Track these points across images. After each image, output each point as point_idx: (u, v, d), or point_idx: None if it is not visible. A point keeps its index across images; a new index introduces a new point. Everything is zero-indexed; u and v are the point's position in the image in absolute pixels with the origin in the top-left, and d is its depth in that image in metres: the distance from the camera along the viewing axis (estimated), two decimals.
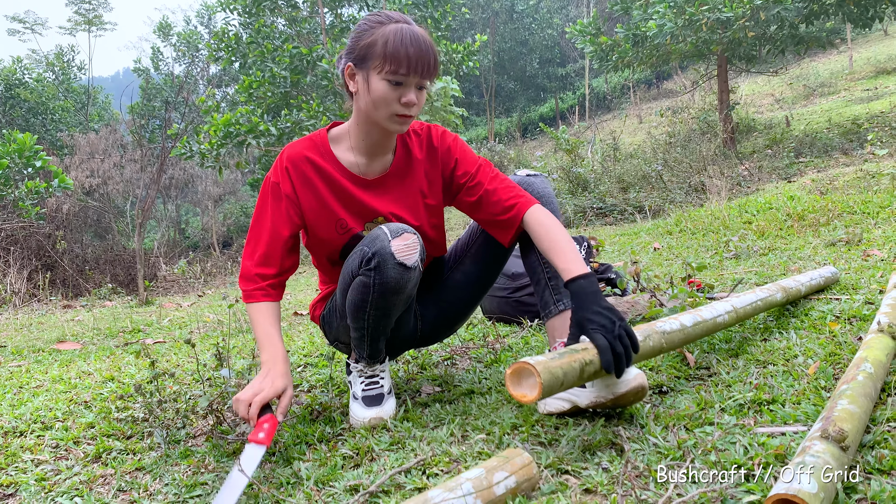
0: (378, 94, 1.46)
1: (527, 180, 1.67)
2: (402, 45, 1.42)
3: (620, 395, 1.38)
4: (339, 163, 1.59)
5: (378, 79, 1.45)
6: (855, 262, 2.99)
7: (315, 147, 1.59)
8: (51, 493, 1.34)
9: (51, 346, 3.27)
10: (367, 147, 1.59)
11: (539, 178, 1.69)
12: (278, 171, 1.58)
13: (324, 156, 1.58)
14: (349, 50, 1.50)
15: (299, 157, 1.57)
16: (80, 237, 10.70)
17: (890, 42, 19.34)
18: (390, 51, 1.43)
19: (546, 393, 1.16)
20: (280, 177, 1.57)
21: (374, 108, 1.48)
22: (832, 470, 0.96)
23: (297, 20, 12.09)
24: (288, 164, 1.57)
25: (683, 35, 9.04)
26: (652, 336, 1.42)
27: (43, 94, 19.31)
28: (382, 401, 1.64)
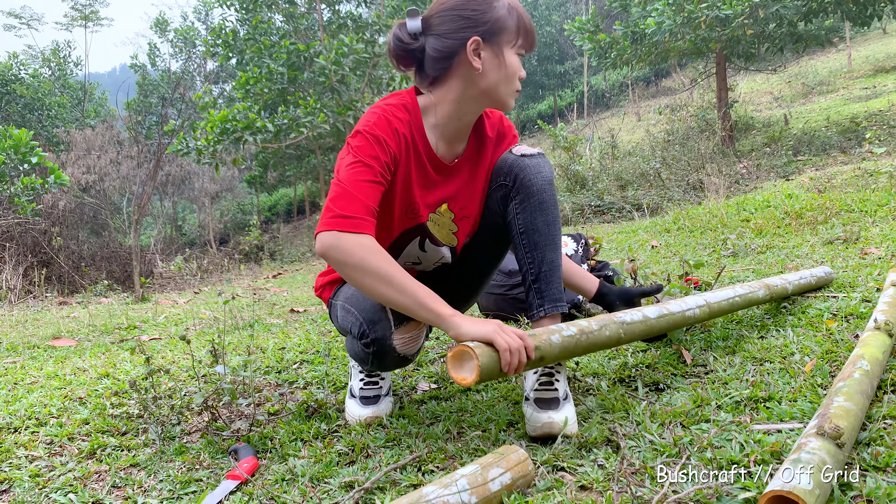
0: (513, 69, 1.41)
1: (520, 162, 1.50)
2: (527, 19, 1.42)
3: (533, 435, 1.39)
4: (427, 142, 1.48)
5: (511, 53, 1.41)
6: (852, 260, 2.99)
7: (410, 120, 1.44)
8: (45, 490, 1.34)
9: (46, 343, 3.25)
10: (454, 130, 1.49)
11: (534, 161, 1.50)
12: (382, 125, 1.38)
13: (418, 131, 1.46)
14: (471, 24, 1.38)
15: (404, 132, 1.42)
16: (76, 234, 10.68)
17: (889, 40, 19.36)
18: (525, 24, 1.41)
19: (484, 377, 1.17)
20: (383, 130, 1.38)
21: (504, 84, 1.42)
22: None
23: (295, 16, 12.06)
24: (397, 126, 1.40)
25: (682, 32, 9.04)
26: (609, 326, 1.40)
27: (39, 90, 19.26)
28: (379, 401, 1.62)
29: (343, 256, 1.26)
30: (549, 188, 1.50)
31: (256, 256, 12.53)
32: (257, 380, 2.02)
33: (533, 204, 1.48)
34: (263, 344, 2.61)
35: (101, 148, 15.34)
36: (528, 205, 1.48)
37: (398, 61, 1.48)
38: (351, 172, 1.33)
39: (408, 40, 1.43)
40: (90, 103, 22.55)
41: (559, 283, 1.51)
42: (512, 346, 1.19)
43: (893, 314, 1.75)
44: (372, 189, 1.33)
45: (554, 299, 1.49)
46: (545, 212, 1.49)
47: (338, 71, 10.43)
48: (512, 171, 1.50)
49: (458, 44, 1.39)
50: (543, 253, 1.49)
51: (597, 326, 1.36)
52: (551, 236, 1.49)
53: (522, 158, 1.50)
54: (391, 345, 1.39)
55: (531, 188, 1.48)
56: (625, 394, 1.60)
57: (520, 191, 1.49)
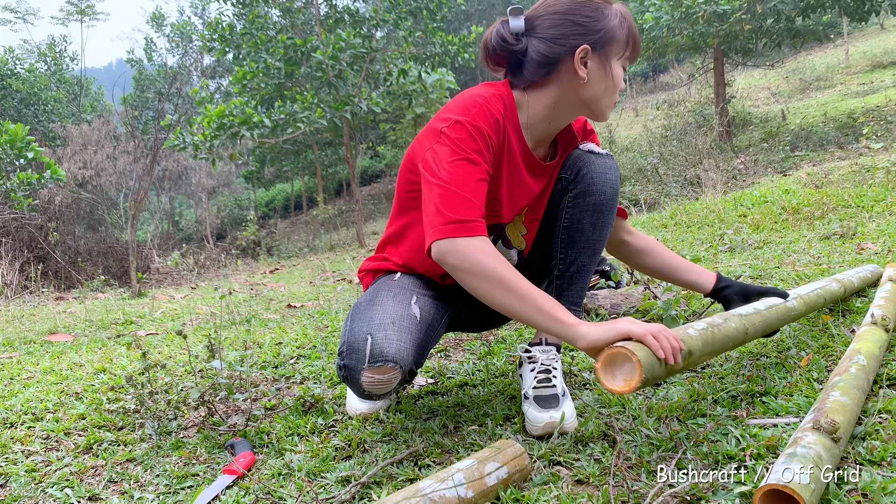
0: (617, 81, 1.35)
1: (586, 157, 1.44)
2: (636, 31, 1.36)
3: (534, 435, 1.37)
4: (524, 139, 1.40)
5: (618, 64, 1.35)
6: (849, 256, 3.00)
7: (506, 113, 1.35)
8: (41, 484, 1.33)
9: (42, 338, 3.25)
10: (542, 133, 1.42)
11: (601, 161, 1.44)
12: (485, 115, 1.29)
13: (513, 126, 1.38)
14: (582, 31, 1.31)
15: (503, 125, 1.34)
16: (72, 229, 10.65)
17: (886, 36, 19.36)
18: (634, 36, 1.35)
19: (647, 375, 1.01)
20: (483, 118, 1.29)
21: (606, 96, 1.36)
22: (823, 461, 0.95)
23: (292, 11, 12.01)
24: (498, 117, 1.32)
25: (680, 28, 9.03)
26: (731, 318, 1.31)
27: (35, 85, 19.19)
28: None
29: (459, 261, 1.19)
30: (609, 192, 1.43)
31: (253, 252, 12.52)
32: (254, 375, 2.02)
33: (587, 203, 1.43)
34: (260, 339, 2.61)
35: (97, 143, 15.30)
36: (581, 202, 1.43)
37: (492, 60, 1.39)
38: (456, 171, 1.23)
39: (512, 41, 1.34)
40: (86, 98, 22.47)
41: (582, 288, 1.47)
42: (655, 333, 1.06)
43: (890, 309, 1.76)
44: (480, 187, 1.25)
45: (571, 301, 1.46)
46: (597, 214, 1.43)
47: (335, 66, 10.40)
48: (575, 165, 1.45)
49: (566, 50, 1.31)
50: (578, 254, 1.45)
51: (721, 320, 1.27)
52: (594, 241, 1.44)
53: (589, 154, 1.45)
54: (359, 379, 1.27)
55: (591, 187, 1.42)
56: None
57: (578, 185, 1.44)
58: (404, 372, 1.29)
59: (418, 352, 1.33)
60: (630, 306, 2.28)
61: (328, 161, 20.60)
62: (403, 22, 10.96)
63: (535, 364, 1.46)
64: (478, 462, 1.08)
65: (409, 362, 1.28)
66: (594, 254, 1.46)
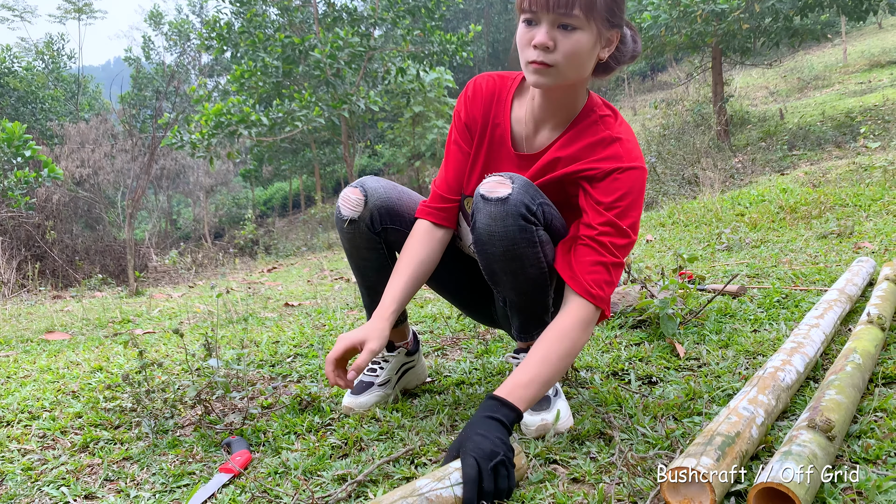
0: (517, 38, 1.27)
1: (477, 201, 1.32)
2: None
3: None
4: (508, 123, 1.41)
5: (519, 22, 1.27)
6: (846, 255, 3.00)
7: (497, 88, 1.43)
8: (37, 483, 1.33)
9: (39, 337, 3.24)
10: (533, 110, 1.38)
11: (488, 208, 1.27)
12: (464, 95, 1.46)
13: (500, 103, 1.42)
14: None
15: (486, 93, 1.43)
16: (70, 227, 10.64)
17: (884, 35, 19.38)
18: None
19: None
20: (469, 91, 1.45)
21: (519, 53, 1.28)
22: (819, 459, 0.96)
23: (290, 9, 12.00)
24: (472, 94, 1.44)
25: (678, 26, 9.03)
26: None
27: (32, 83, 19.14)
28: (366, 390, 1.60)
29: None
30: (501, 247, 1.27)
31: (251, 250, 12.51)
32: (251, 373, 2.02)
33: (486, 252, 1.31)
34: (257, 338, 2.60)
35: (95, 141, 15.27)
36: (480, 250, 1.32)
37: None
38: (446, 152, 1.51)
39: None
40: (84, 96, 22.44)
41: (526, 320, 1.41)
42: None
43: (886, 308, 1.76)
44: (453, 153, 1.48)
45: (520, 330, 1.44)
46: (502, 263, 1.30)
47: (333, 64, 10.39)
48: (473, 207, 1.31)
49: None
50: (504, 292, 1.39)
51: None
52: (512, 285, 1.34)
53: (480, 200, 1.28)
54: (340, 195, 1.51)
55: (481, 238, 1.30)
56: (618, 387, 1.60)
57: (474, 232, 1.32)
58: (369, 209, 1.48)
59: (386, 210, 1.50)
60: (627, 305, 2.29)
61: (326, 160, 20.58)
62: (402, 20, 10.96)
63: None
64: None
65: (374, 202, 1.48)
66: (523, 293, 1.35)
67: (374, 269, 1.56)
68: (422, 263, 1.44)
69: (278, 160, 20.37)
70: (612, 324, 2.23)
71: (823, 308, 1.75)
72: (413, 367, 1.73)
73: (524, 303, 1.39)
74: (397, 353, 1.67)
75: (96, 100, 23.46)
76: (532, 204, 1.26)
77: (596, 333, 2.13)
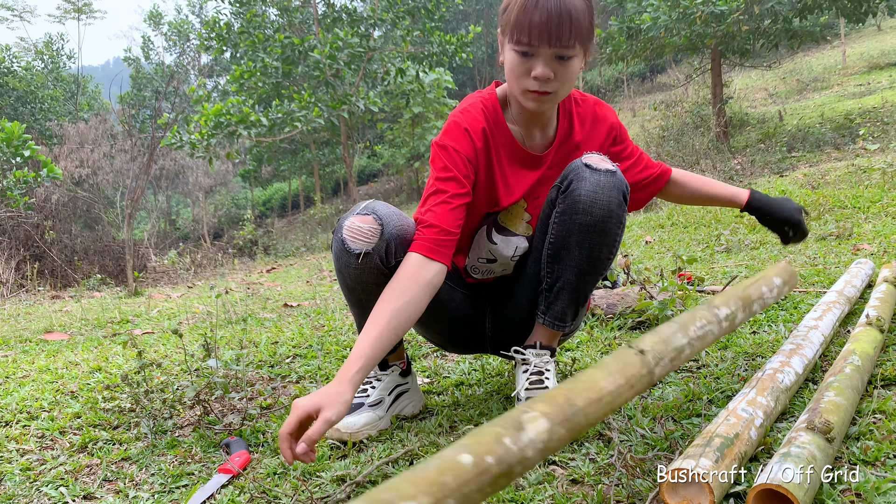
0: (508, 66, 1.30)
1: (581, 171, 1.34)
2: (527, 11, 1.22)
3: None
4: (511, 135, 1.43)
5: (509, 49, 1.28)
6: (845, 256, 3.01)
7: (488, 118, 1.42)
8: (36, 483, 1.33)
9: (38, 337, 3.24)
10: (524, 119, 1.42)
11: (596, 178, 1.32)
12: (454, 134, 1.38)
13: (498, 127, 1.42)
14: (502, 15, 1.32)
15: (476, 129, 1.39)
16: (69, 227, 10.62)
17: (883, 37, 19.41)
18: (515, 17, 1.24)
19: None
20: (456, 140, 1.38)
21: (509, 81, 1.33)
22: (817, 461, 0.96)
23: (289, 10, 12.01)
24: (469, 130, 1.39)
25: (677, 28, 9.04)
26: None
27: (32, 83, 19.13)
28: (355, 411, 1.47)
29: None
30: (599, 214, 1.30)
31: (250, 251, 12.50)
32: (250, 374, 2.02)
33: (574, 222, 1.32)
34: (256, 338, 2.60)
35: (94, 141, 15.26)
36: (567, 219, 1.33)
37: None
38: (431, 192, 1.36)
39: None
40: (83, 96, 22.43)
41: (568, 304, 1.40)
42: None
43: (885, 310, 1.76)
44: (443, 206, 1.34)
45: (555, 317, 1.42)
46: (585, 235, 1.32)
47: (332, 65, 10.40)
48: (568, 177, 1.34)
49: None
50: (564, 270, 1.37)
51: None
52: (580, 260, 1.34)
53: (584, 169, 1.31)
54: (342, 226, 1.36)
55: (577, 205, 1.31)
56: None
57: (565, 200, 1.33)
58: (385, 239, 1.33)
59: (402, 239, 1.36)
60: (626, 306, 2.29)
61: (325, 160, 20.59)
62: (401, 21, 10.96)
63: (528, 366, 1.46)
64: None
65: (391, 231, 1.34)
66: (584, 274, 1.36)
67: (363, 298, 1.42)
68: (403, 308, 1.25)
69: (277, 161, 20.37)
70: (611, 325, 2.23)
71: (822, 310, 1.75)
72: (408, 390, 1.58)
73: (579, 284, 1.38)
74: (390, 371, 1.54)
75: (95, 100, 23.46)
76: (627, 188, 1.35)
77: (595, 335, 2.13)
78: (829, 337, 1.65)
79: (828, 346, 1.68)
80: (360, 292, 1.40)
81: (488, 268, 1.53)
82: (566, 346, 2.04)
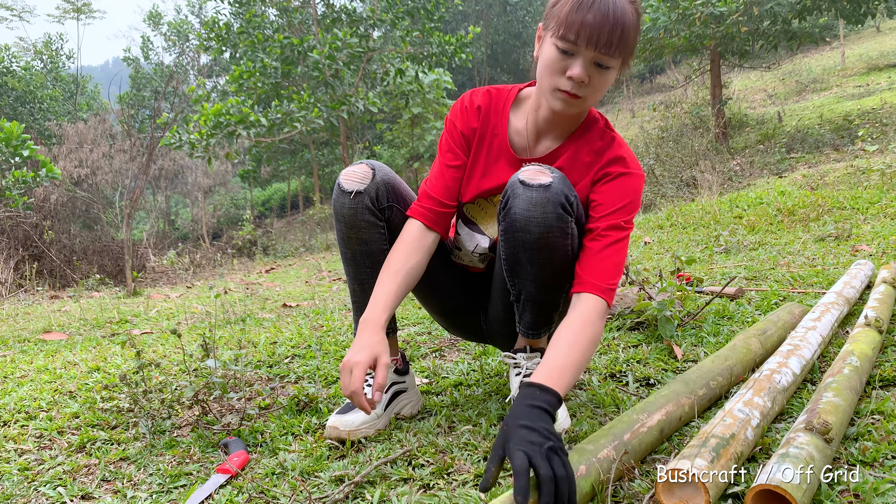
0: (545, 60, 1.27)
1: (515, 187, 1.32)
2: (582, 9, 1.20)
3: None
4: (506, 129, 1.43)
5: (550, 42, 1.26)
6: (843, 258, 3.01)
7: (495, 104, 1.45)
8: (34, 483, 1.33)
9: (36, 337, 3.24)
10: (536, 121, 1.40)
11: (529, 195, 1.28)
12: (455, 109, 1.47)
13: (497, 116, 1.44)
14: (548, 10, 1.31)
15: (474, 106, 1.45)
16: (68, 227, 10.62)
17: (882, 39, 19.44)
18: (567, 12, 1.22)
19: None
20: (455, 115, 1.47)
21: (541, 76, 1.30)
22: (816, 461, 0.96)
23: (289, 10, 12.01)
24: (468, 107, 1.46)
25: (677, 29, 9.05)
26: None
27: (31, 83, 19.13)
28: (353, 409, 1.46)
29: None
30: (536, 231, 1.27)
31: (249, 251, 12.49)
32: (248, 374, 2.02)
33: (516, 239, 1.30)
34: (255, 338, 2.60)
35: (93, 141, 15.26)
36: (510, 237, 1.31)
37: None
38: (435, 162, 1.49)
39: None
40: (82, 96, 22.42)
41: (538, 315, 1.40)
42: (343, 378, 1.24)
43: (883, 311, 1.76)
44: (442, 172, 1.46)
45: (527, 326, 1.42)
46: (531, 252, 1.30)
47: (332, 65, 10.39)
48: (506, 194, 1.31)
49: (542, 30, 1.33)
50: (524, 284, 1.35)
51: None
52: (535, 275, 1.33)
53: (519, 185, 1.28)
54: (339, 177, 1.45)
55: (515, 223, 1.28)
56: (615, 388, 1.60)
57: (505, 218, 1.30)
58: (375, 182, 1.43)
59: (391, 189, 1.47)
60: (625, 307, 2.29)
61: (325, 161, 20.58)
62: (401, 22, 10.96)
63: (521, 370, 1.46)
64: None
65: (381, 177, 1.44)
66: (543, 286, 1.34)
67: (371, 255, 1.46)
68: (412, 269, 1.38)
69: (277, 161, 20.37)
70: (610, 325, 2.23)
71: (821, 311, 1.75)
72: (405, 389, 1.57)
73: (542, 296, 1.36)
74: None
75: (95, 100, 23.45)
76: (570, 196, 1.29)
77: None
78: (828, 338, 1.65)
79: (826, 347, 1.68)
80: (354, 240, 1.47)
81: (457, 254, 1.57)
82: None
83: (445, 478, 1.21)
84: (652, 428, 1.20)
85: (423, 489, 1.19)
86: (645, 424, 1.19)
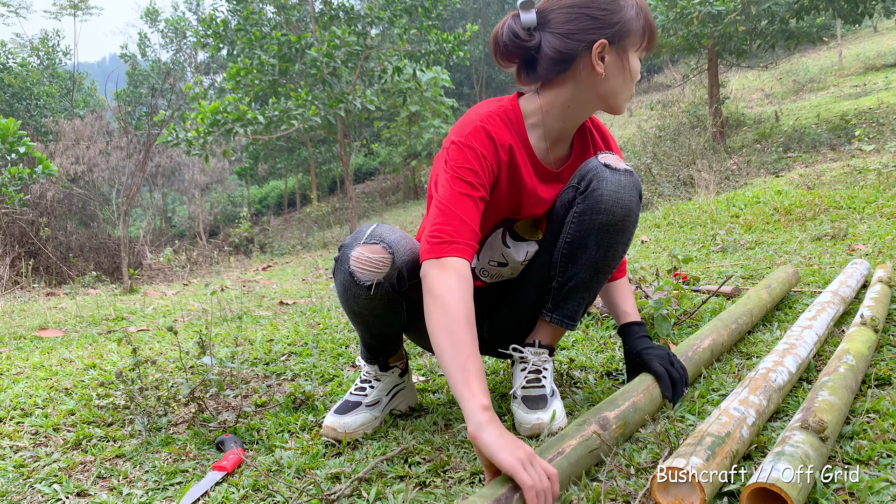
0: (634, 74, 1.32)
1: (600, 172, 1.33)
2: (649, 18, 1.32)
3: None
4: (532, 151, 1.38)
5: (635, 57, 1.32)
6: (840, 257, 3.02)
7: (512, 131, 1.35)
8: (29, 480, 1.33)
9: (32, 334, 3.23)
10: (558, 132, 1.38)
11: (616, 177, 1.32)
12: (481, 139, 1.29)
13: (521, 140, 1.36)
14: (599, 25, 1.27)
15: (503, 143, 1.32)
16: (64, 224, 10.60)
17: (879, 39, 19.47)
18: (650, 26, 1.31)
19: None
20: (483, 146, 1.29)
21: (623, 89, 1.33)
22: (811, 460, 0.96)
23: (286, 7, 11.99)
24: (494, 135, 1.31)
25: (675, 28, 9.06)
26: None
27: (27, 79, 19.07)
28: (351, 410, 1.45)
29: (432, 283, 1.18)
30: (620, 213, 1.32)
31: (246, 249, 12.48)
32: (245, 371, 2.01)
33: (594, 221, 1.33)
34: (251, 336, 2.60)
35: (90, 138, 15.22)
36: (587, 219, 1.33)
37: (503, 56, 1.35)
38: (450, 190, 1.25)
39: (525, 36, 1.29)
40: (79, 93, 22.36)
41: (580, 303, 1.41)
42: (539, 490, 0.96)
43: (879, 310, 1.77)
44: (468, 206, 1.25)
45: (565, 315, 1.42)
46: (604, 235, 1.33)
47: (329, 63, 10.38)
48: (587, 177, 1.34)
49: (583, 45, 1.27)
50: (578, 270, 1.37)
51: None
52: (597, 260, 1.36)
53: (604, 169, 1.33)
54: (348, 257, 1.29)
55: (599, 205, 1.32)
56: (612, 387, 1.60)
57: (586, 200, 1.34)
58: (396, 267, 1.29)
59: (413, 263, 1.32)
60: None
61: (322, 158, 20.57)
62: (398, 19, 10.95)
63: (526, 364, 1.46)
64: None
65: (402, 258, 1.30)
66: (598, 272, 1.38)
67: (387, 325, 1.42)
68: (472, 323, 1.17)
69: (274, 158, 20.35)
70: (606, 324, 2.23)
71: (817, 310, 1.75)
72: (404, 388, 1.57)
73: (593, 283, 1.40)
74: (390, 372, 1.52)
75: (91, 97, 23.38)
76: (642, 188, 1.39)
77: (590, 333, 2.13)
78: (824, 336, 1.66)
79: (822, 346, 1.69)
80: (367, 316, 1.38)
81: (498, 271, 1.48)
82: (562, 344, 2.04)
83: (442, 475, 1.21)
84: (705, 349, 1.60)
85: (420, 487, 1.19)
86: (700, 347, 1.59)
